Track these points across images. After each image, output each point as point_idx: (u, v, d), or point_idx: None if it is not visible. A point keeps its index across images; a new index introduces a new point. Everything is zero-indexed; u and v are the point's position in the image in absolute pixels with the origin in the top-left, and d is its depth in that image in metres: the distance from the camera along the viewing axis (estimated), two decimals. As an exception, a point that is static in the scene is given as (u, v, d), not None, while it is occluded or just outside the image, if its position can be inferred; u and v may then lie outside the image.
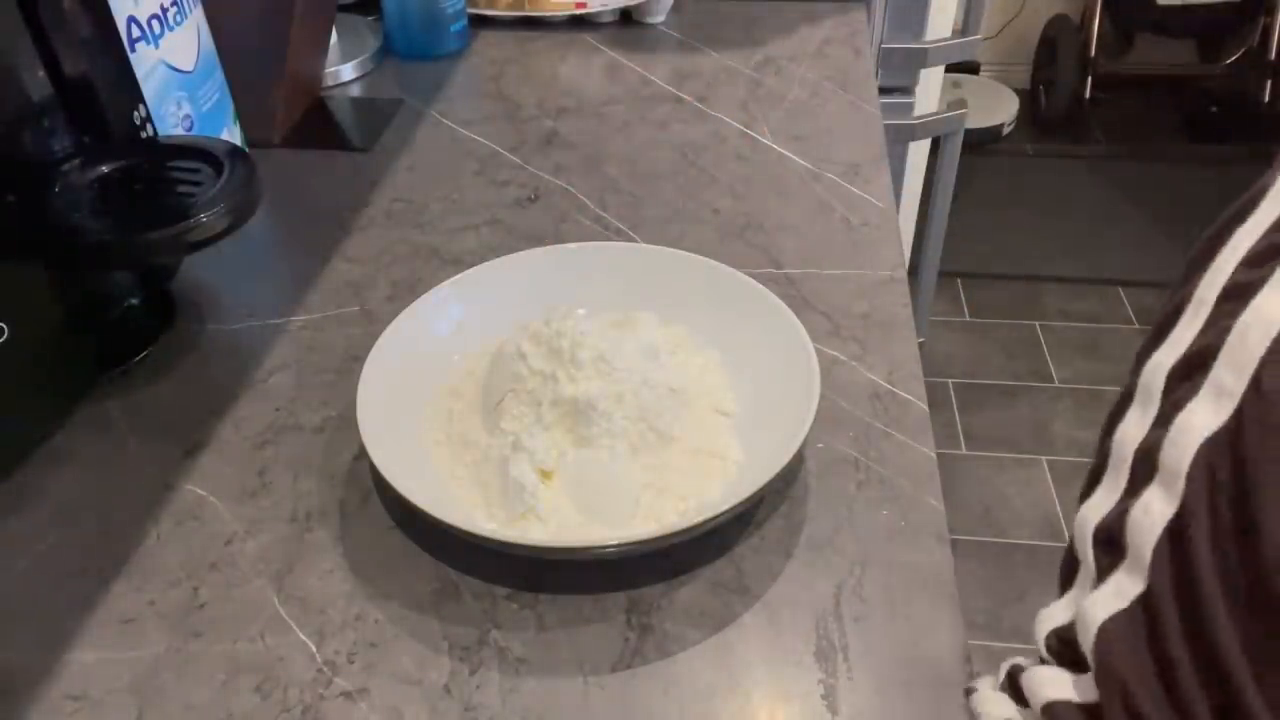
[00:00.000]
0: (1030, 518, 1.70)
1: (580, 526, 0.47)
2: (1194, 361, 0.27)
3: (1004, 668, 0.32)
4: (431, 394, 0.53)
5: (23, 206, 0.53)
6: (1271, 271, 0.26)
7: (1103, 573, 0.28)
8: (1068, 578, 0.30)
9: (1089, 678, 0.27)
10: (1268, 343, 0.25)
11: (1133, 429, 0.29)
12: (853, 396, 0.55)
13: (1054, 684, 0.28)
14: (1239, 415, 0.25)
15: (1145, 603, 0.26)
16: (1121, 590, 0.26)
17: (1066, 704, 0.27)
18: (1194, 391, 0.26)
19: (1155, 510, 0.26)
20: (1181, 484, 0.25)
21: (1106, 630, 0.26)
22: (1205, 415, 0.26)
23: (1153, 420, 0.28)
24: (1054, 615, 0.30)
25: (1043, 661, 0.30)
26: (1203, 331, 0.28)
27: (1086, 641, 0.27)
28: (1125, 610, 0.26)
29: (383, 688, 0.42)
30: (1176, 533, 0.25)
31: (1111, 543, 0.28)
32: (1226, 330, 0.26)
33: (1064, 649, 0.29)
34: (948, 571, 0.46)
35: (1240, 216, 0.29)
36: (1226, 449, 0.25)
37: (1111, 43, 2.66)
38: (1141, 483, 0.27)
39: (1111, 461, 0.29)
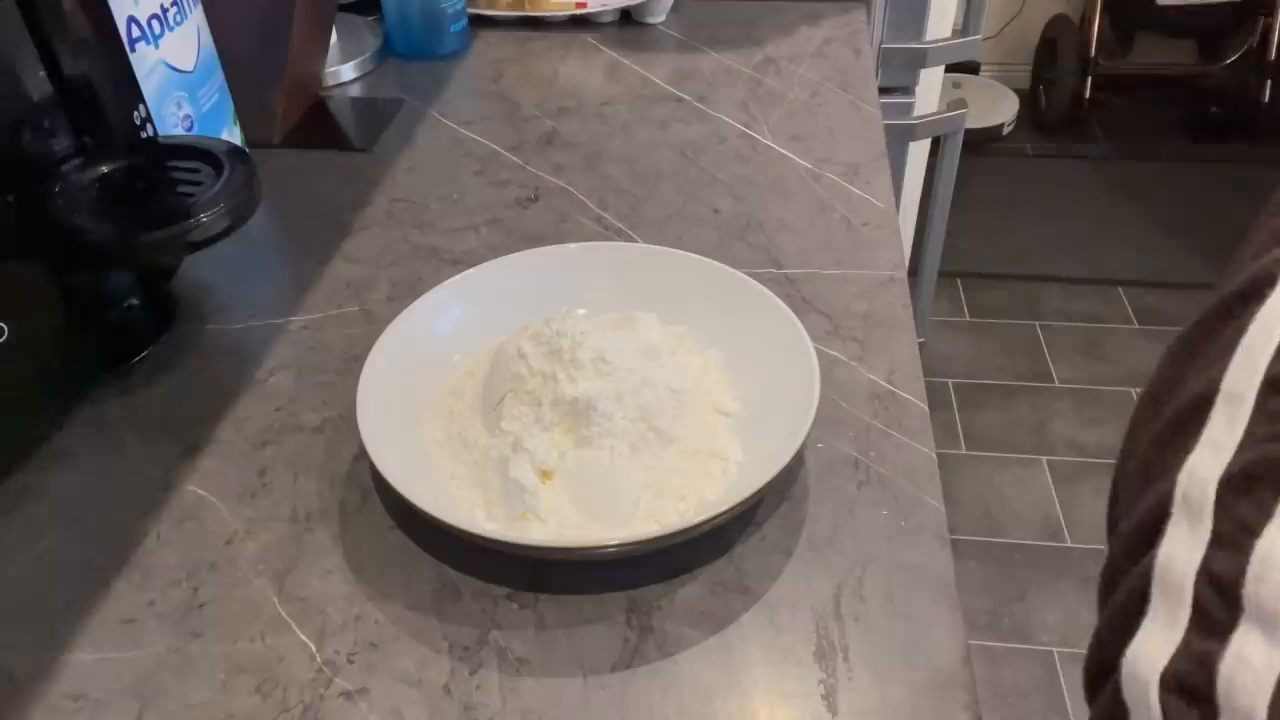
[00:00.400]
0: (1030, 518, 1.70)
1: (580, 526, 0.47)
2: (1253, 475, 0.24)
3: None
4: (431, 394, 0.53)
5: (23, 206, 0.52)
6: None
7: None
8: None
9: None
10: None
11: (1181, 551, 0.24)
12: (853, 396, 0.55)
13: None
14: None
15: None
16: None
17: None
18: (1266, 512, 0.23)
19: (1257, 659, 0.22)
20: None
21: None
22: None
23: (1208, 542, 0.24)
24: None
25: None
26: (1251, 434, 0.24)
27: None
28: None
29: (383, 688, 0.42)
30: None
31: (1188, 692, 0.24)
32: None
33: None
34: (948, 571, 0.46)
35: (1256, 295, 0.25)
36: None
37: (1111, 43, 2.66)
38: (1223, 624, 0.23)
39: (1157, 589, 0.25)
